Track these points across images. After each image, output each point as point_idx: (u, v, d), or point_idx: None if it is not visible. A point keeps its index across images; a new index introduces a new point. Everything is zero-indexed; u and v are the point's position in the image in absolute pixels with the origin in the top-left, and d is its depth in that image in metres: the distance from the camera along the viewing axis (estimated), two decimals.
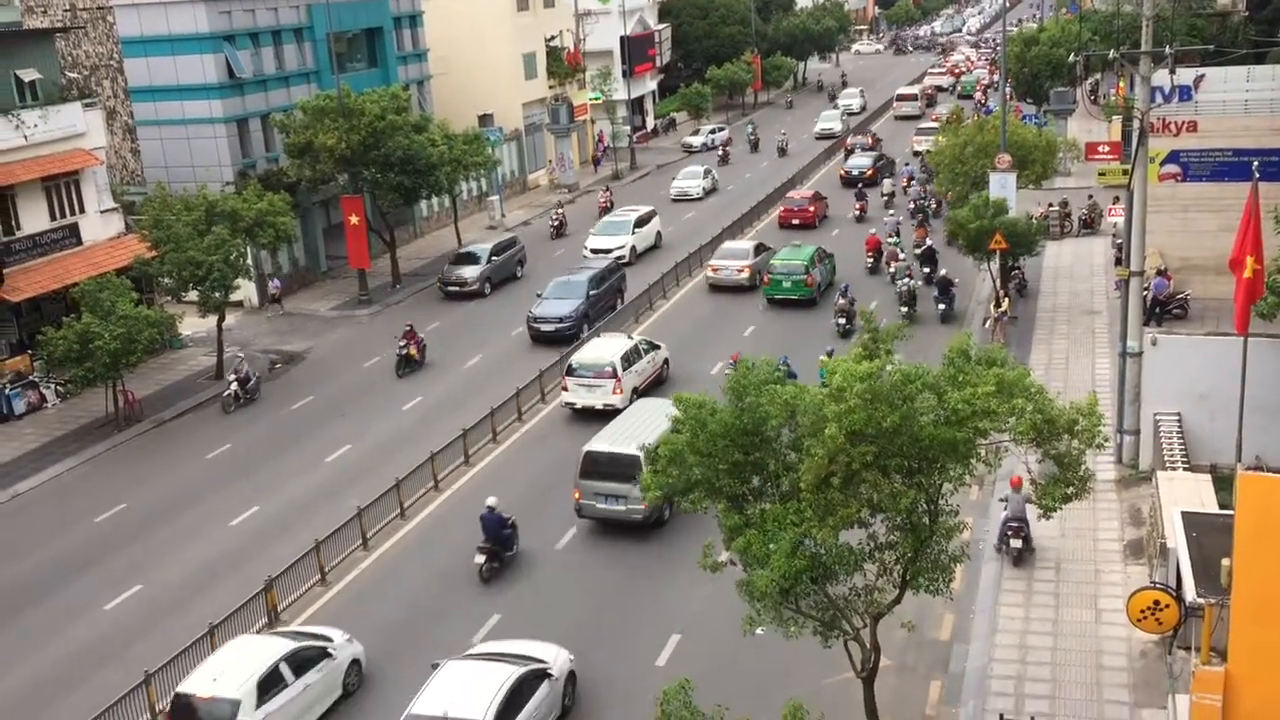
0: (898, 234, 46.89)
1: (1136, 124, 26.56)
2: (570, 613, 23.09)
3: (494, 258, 47.61)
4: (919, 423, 15.42)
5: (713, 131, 78.84)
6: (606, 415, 29.71)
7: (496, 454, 31.16)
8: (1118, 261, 38.06)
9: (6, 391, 36.04)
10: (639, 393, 31.70)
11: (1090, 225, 48.66)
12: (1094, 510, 24.47)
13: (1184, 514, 19.57)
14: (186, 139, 46.14)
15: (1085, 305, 39.38)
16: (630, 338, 34.12)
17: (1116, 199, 45.28)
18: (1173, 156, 34.85)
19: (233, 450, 33.07)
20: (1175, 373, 25.83)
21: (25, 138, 37.04)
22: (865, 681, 17.45)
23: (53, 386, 36.93)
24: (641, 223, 51.31)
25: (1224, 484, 22.37)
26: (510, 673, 18.53)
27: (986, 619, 21.52)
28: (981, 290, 41.50)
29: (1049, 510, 16.39)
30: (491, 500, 24.68)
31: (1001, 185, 39.63)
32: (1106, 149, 52.02)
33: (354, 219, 46.21)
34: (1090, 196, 49.73)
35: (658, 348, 34.33)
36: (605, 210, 56.40)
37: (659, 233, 52.44)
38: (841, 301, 38.22)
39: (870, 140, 68.92)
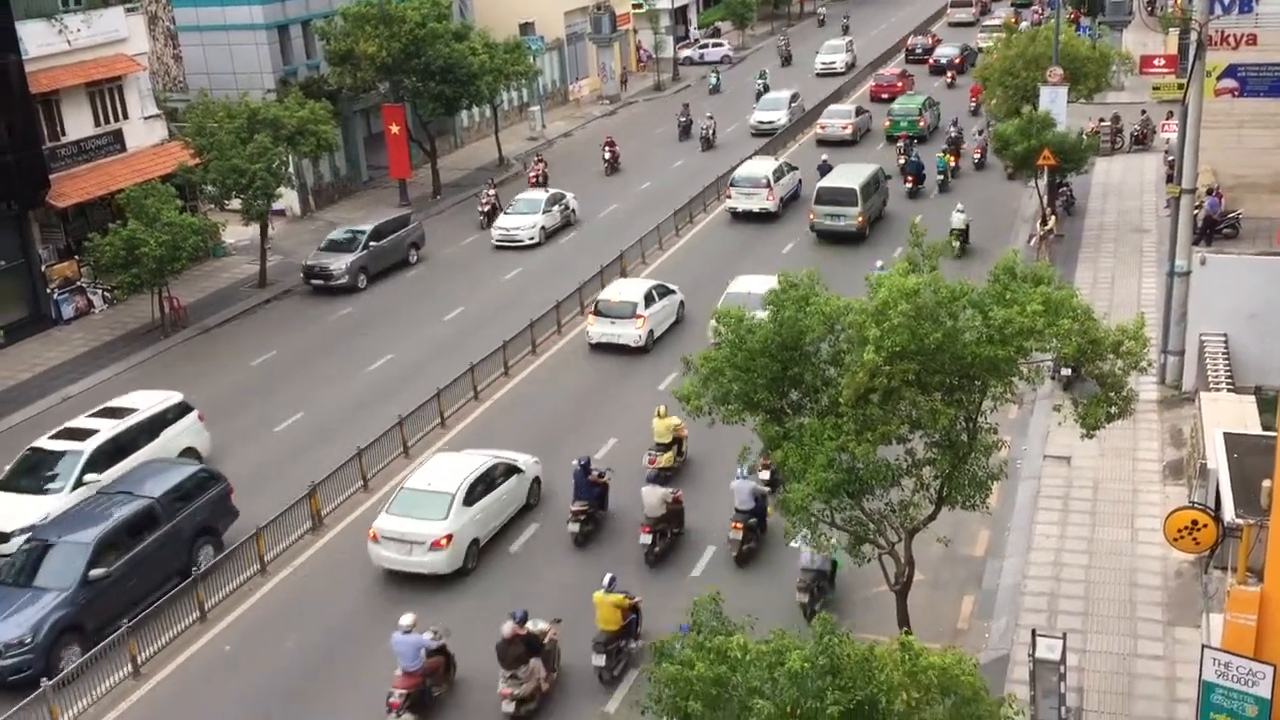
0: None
1: (1194, 36, 25.86)
2: (605, 527, 23.38)
3: (373, 243, 39.21)
4: (962, 340, 15.34)
5: (702, 45, 76.99)
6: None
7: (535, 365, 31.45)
8: (1169, 179, 37.32)
9: (55, 296, 36.58)
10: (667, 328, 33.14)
11: (1142, 141, 47.61)
12: (1134, 431, 24.34)
13: (1226, 435, 19.41)
14: (228, 45, 45.93)
15: (1134, 223, 38.73)
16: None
17: (1170, 114, 44.15)
18: (1230, 71, 33.84)
19: (278, 356, 33.49)
20: (1224, 293, 25.43)
21: (68, 43, 37.05)
22: (898, 595, 17.62)
23: (100, 292, 37.43)
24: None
25: (1268, 406, 22.12)
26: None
27: (1022, 536, 21.60)
28: (1028, 207, 40.89)
29: (1090, 430, 16.31)
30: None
31: (1052, 99, 38.75)
32: (1162, 62, 50.44)
33: (395, 128, 46.09)
34: (1143, 111, 48.57)
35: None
36: (535, 184, 46.56)
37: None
38: (952, 130, 48.07)
39: (930, 40, 71.90)
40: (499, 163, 53.53)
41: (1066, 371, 23.20)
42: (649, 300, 32.03)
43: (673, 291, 33.21)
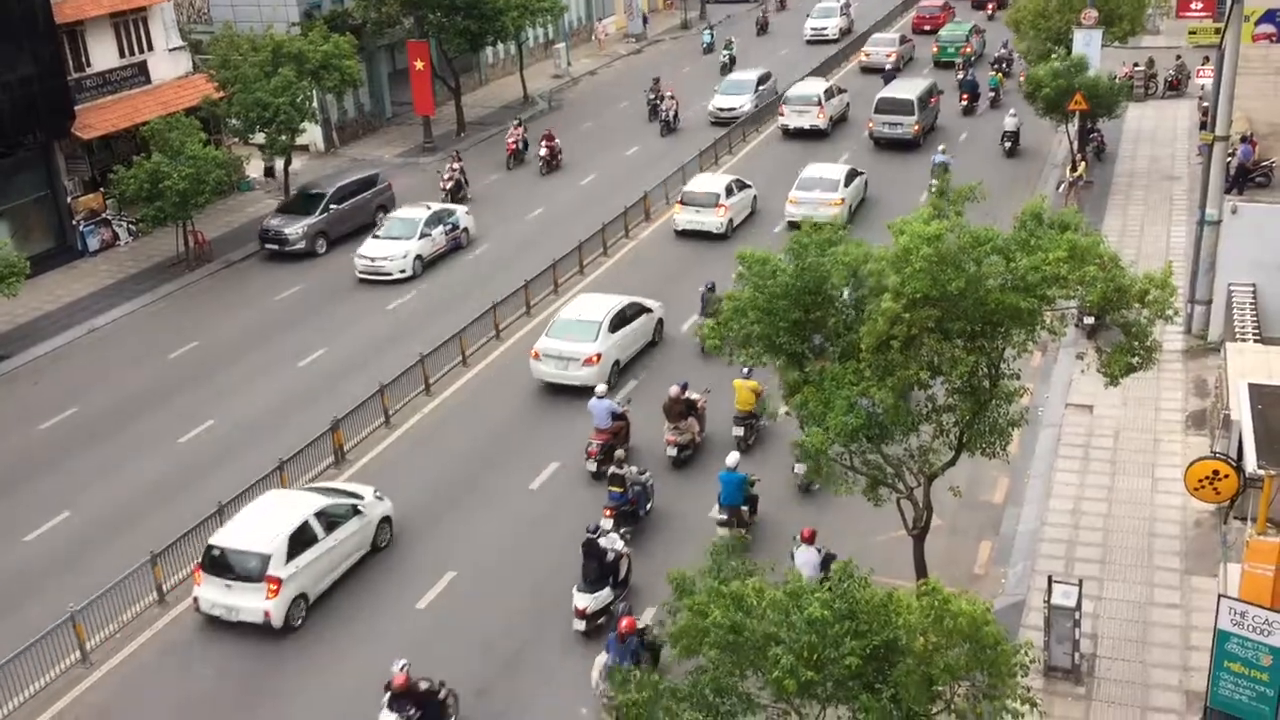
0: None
1: None
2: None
3: (334, 206, 36.51)
4: (985, 287, 15.21)
5: None
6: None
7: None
8: (1203, 126, 36.75)
9: (81, 229, 36.74)
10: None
11: (1176, 87, 46.82)
12: (1158, 380, 24.21)
13: (1251, 386, 19.30)
14: None
15: (1165, 170, 38.21)
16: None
17: (1206, 59, 43.40)
18: (1269, 16, 33.15)
19: (303, 292, 33.61)
20: (1254, 242, 25.14)
21: None
22: (916, 539, 17.68)
23: (125, 225, 37.56)
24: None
25: None
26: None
27: (1041, 484, 21.60)
28: (1057, 153, 40.39)
29: (1113, 379, 16.22)
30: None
31: (1086, 42, 38.13)
32: (1199, 6, 49.64)
33: (419, 64, 45.74)
34: (1178, 56, 47.74)
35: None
36: (450, 192, 39.40)
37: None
38: (1002, 50, 50.52)
39: None
40: (523, 100, 53.16)
41: (1091, 319, 23.04)
42: (729, 192, 35.94)
43: (749, 186, 36.23)
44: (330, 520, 20.00)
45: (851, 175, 35.86)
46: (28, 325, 31.88)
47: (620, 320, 26.80)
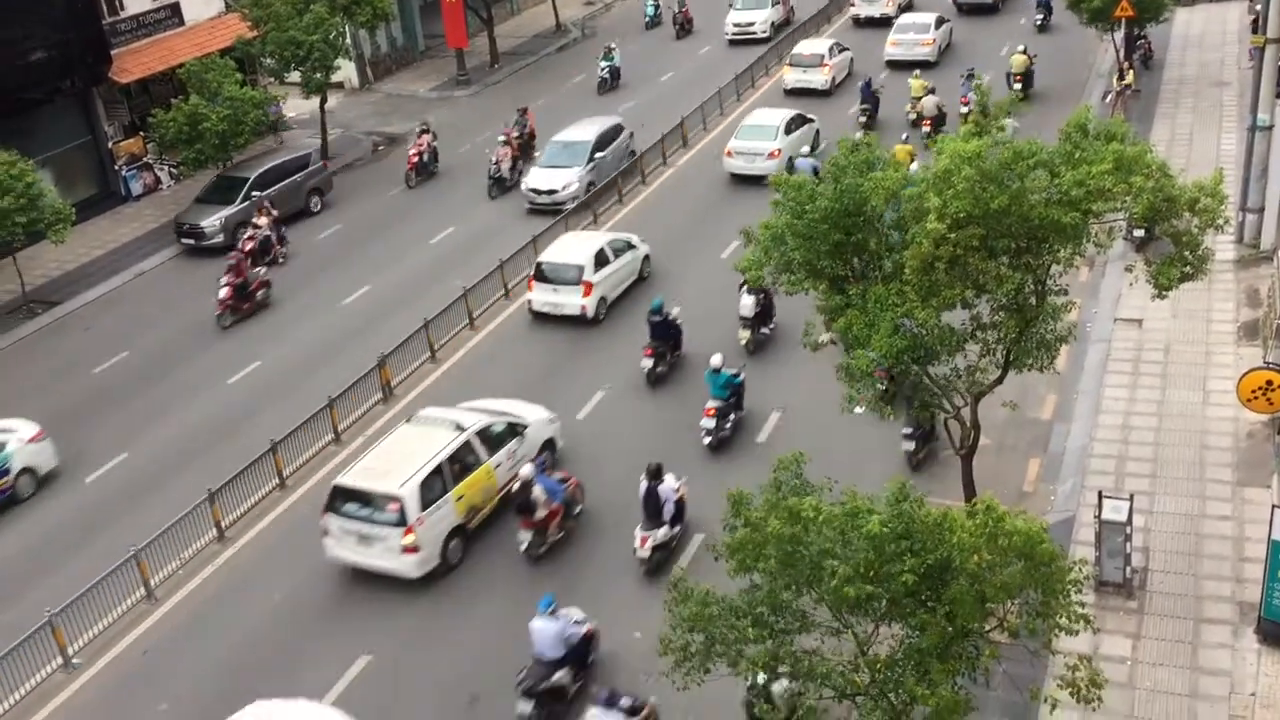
0: None
1: None
2: (669, 392, 23.62)
3: (255, 193, 33.25)
4: (1029, 202, 14.98)
5: None
6: None
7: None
8: (1253, 29, 35.64)
9: (123, 174, 37.00)
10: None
11: None
12: (1209, 291, 23.81)
13: None
14: None
15: (1214, 76, 37.22)
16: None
17: None
18: None
19: (343, 231, 33.75)
20: None
21: None
22: (963, 459, 17.66)
23: (166, 168, 37.78)
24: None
25: None
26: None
27: (1090, 399, 21.43)
28: (1103, 62, 39.42)
29: (1163, 290, 15.98)
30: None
31: None
32: None
33: None
34: None
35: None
36: (416, 165, 36.39)
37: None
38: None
39: None
40: (555, 28, 52.60)
41: (1139, 231, 22.66)
42: (831, 52, 41.31)
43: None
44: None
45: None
46: (76, 271, 32.30)
47: (793, 125, 34.13)
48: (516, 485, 19.05)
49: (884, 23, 46.31)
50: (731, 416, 21.57)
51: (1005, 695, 14.37)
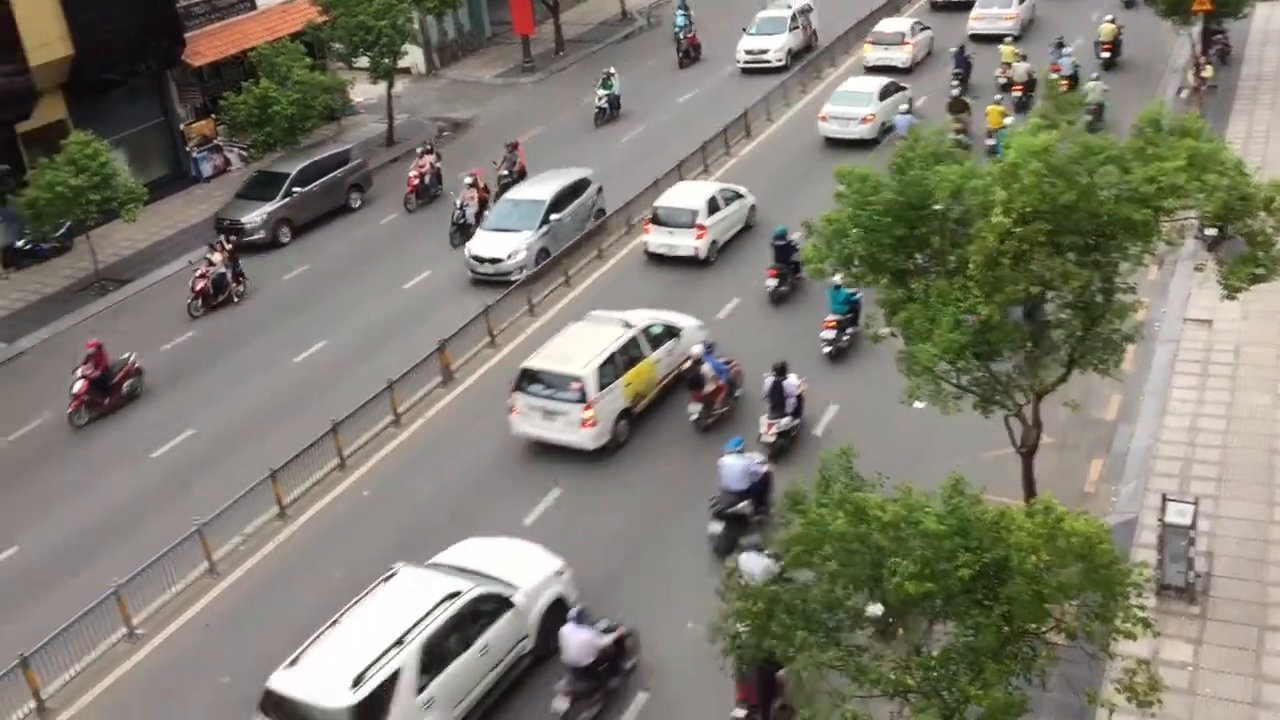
0: None
1: None
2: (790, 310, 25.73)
3: (297, 189, 33.17)
4: (1098, 198, 14.72)
5: None
6: None
7: None
8: None
9: (194, 155, 37.63)
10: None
11: None
12: None
13: None
14: None
15: None
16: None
17: None
18: None
19: (408, 217, 34.02)
20: None
21: None
22: (1024, 457, 17.43)
23: (236, 150, 38.36)
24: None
25: None
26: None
27: (1156, 400, 21.05)
28: (1179, 57, 38.61)
29: (1234, 291, 15.64)
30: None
31: None
32: None
33: None
34: None
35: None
36: (416, 188, 34.20)
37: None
38: None
39: None
40: (621, 17, 52.58)
41: (1211, 230, 22.15)
42: (913, 31, 41.75)
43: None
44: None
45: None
46: (147, 250, 32.94)
47: (886, 91, 35.54)
48: (688, 364, 22.05)
49: (963, 6, 45.75)
50: (849, 330, 23.60)
51: (1061, 697, 14.18)
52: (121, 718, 17.02)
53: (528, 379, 21.56)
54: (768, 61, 42.58)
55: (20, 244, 32.25)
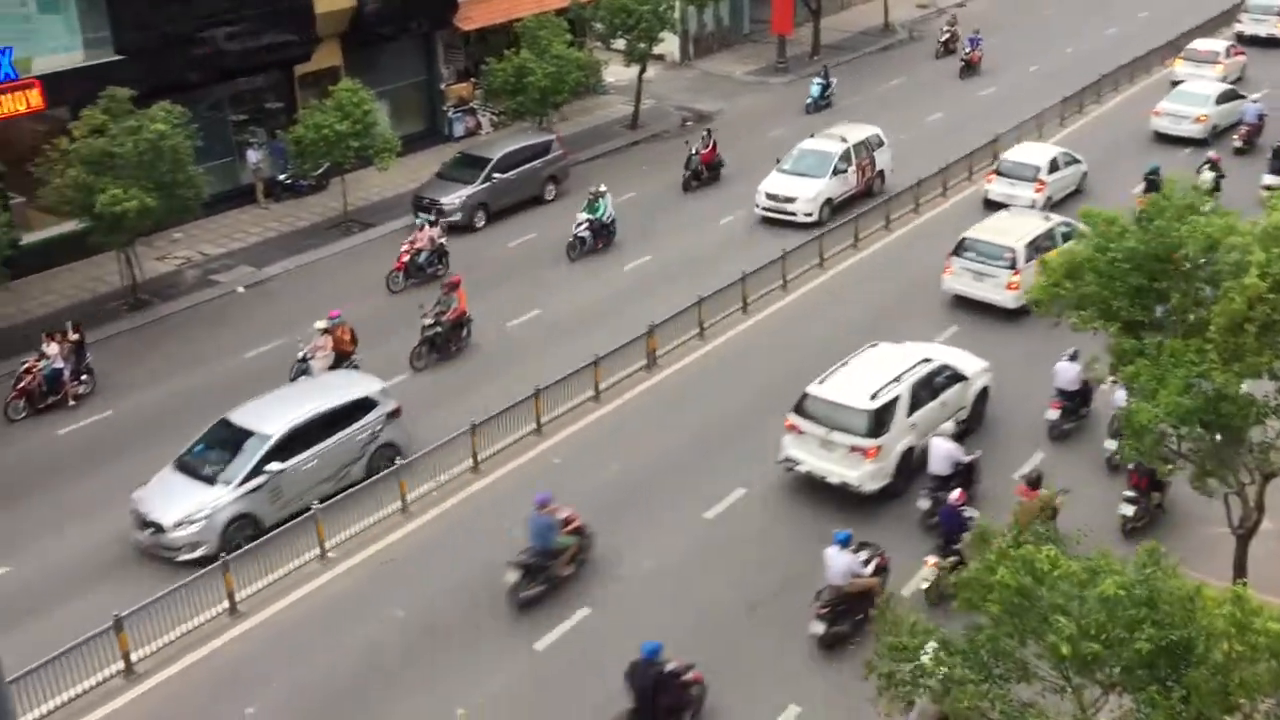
0: None
1: None
2: None
3: (497, 175, 32.55)
4: None
5: None
6: None
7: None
8: None
9: (450, 115, 39.27)
10: None
11: None
12: None
13: None
14: None
15: None
16: None
17: None
18: None
19: (638, 197, 34.52)
20: None
21: None
22: (1239, 539, 16.37)
23: (488, 115, 39.80)
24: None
25: None
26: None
27: None
28: None
29: None
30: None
31: None
32: None
33: None
34: None
35: None
36: (405, 266, 28.88)
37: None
38: None
39: None
40: (884, 28, 51.81)
41: None
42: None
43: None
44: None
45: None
46: (393, 199, 34.51)
47: (1223, 99, 37.52)
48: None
49: (1273, 43, 44.25)
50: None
51: None
52: (308, 627, 18.12)
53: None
54: (792, 214, 31.92)
55: (283, 178, 34.43)
